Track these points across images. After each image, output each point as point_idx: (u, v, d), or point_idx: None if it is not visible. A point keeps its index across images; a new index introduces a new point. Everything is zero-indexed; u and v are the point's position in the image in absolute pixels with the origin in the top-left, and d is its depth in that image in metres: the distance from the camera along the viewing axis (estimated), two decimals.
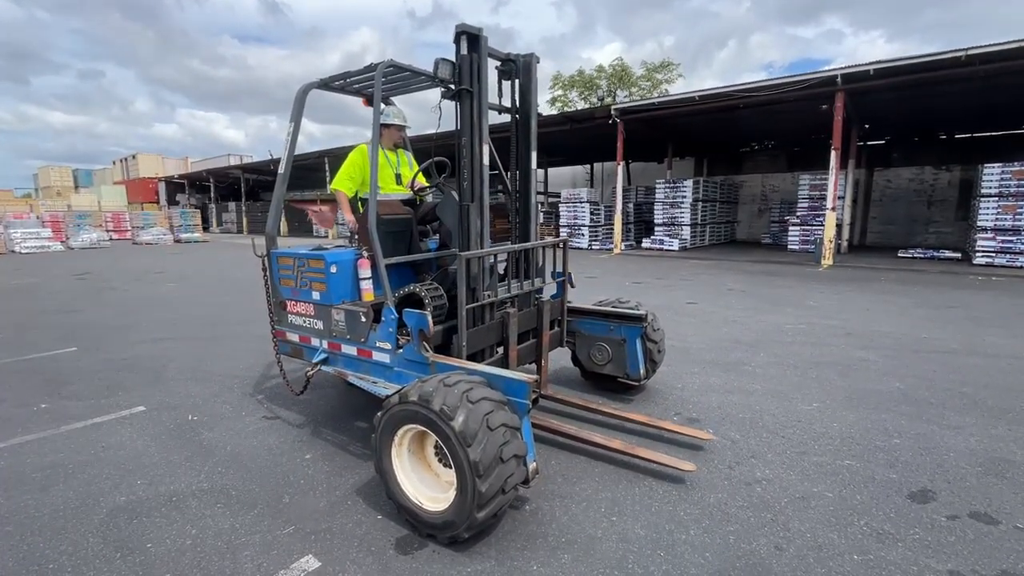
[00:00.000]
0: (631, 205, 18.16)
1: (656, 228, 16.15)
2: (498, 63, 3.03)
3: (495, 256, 2.95)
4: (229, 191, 35.71)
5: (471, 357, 2.69)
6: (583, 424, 3.16)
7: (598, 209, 16.92)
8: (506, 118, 3.22)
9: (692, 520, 2.22)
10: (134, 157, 43.91)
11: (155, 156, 44.66)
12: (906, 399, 3.57)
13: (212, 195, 35.28)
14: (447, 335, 2.90)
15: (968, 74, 9.60)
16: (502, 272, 3.14)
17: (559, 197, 17.43)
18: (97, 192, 38.02)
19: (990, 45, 8.97)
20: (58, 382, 4.14)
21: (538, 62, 3.11)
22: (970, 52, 9.06)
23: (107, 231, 23.73)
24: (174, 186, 37.79)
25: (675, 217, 15.71)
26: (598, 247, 16.46)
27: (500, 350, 3.04)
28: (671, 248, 15.20)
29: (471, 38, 2.71)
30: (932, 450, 2.83)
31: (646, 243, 16.03)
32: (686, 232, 15.49)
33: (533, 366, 3.32)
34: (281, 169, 3.47)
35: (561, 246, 3.45)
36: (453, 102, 2.78)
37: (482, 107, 2.75)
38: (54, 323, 6.32)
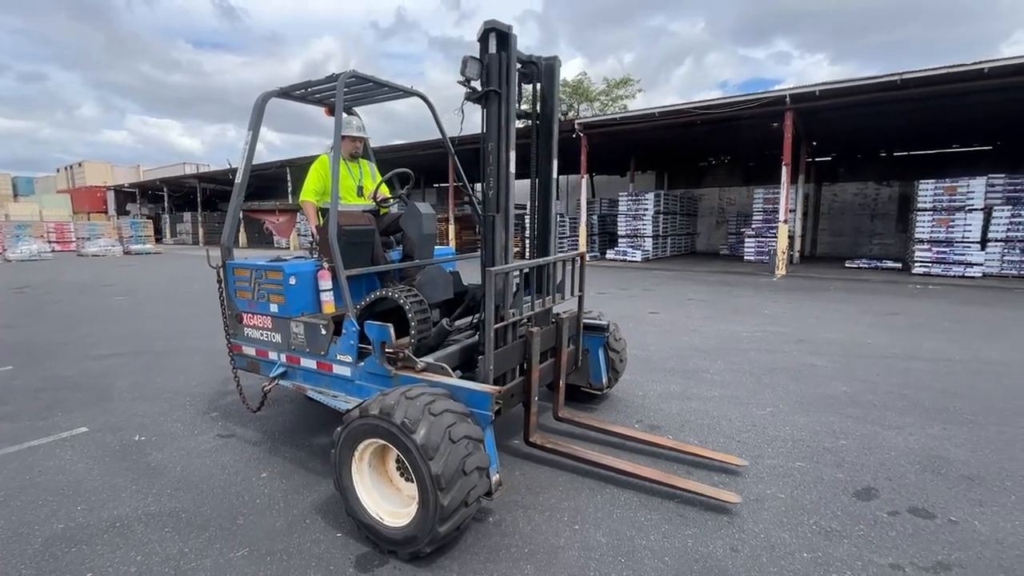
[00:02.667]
0: (595, 217, 18.52)
1: (619, 239, 16.50)
2: (519, 65, 2.85)
3: (521, 271, 2.78)
4: (184, 201, 34.39)
5: (495, 381, 2.49)
6: (605, 448, 2.96)
7: (563, 221, 17.17)
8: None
9: (652, 525, 2.27)
10: (80, 165, 41.76)
11: (104, 164, 42.59)
12: (852, 402, 3.76)
13: (166, 205, 33.89)
14: (466, 355, 2.74)
15: (903, 96, 10.31)
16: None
17: (525, 209, 17.59)
18: (39, 201, 35.88)
19: (922, 70, 9.67)
20: None
21: (560, 65, 2.94)
22: (905, 76, 9.73)
23: (49, 242, 22.40)
24: (124, 195, 36.11)
25: (637, 229, 16.11)
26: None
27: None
28: (634, 259, 15.54)
29: (500, 36, 2.51)
30: (875, 450, 2.99)
31: (610, 254, 16.34)
32: (648, 243, 15.89)
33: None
34: (238, 179, 3.39)
35: (579, 260, 3.23)
36: (477, 104, 2.58)
37: (510, 111, 2.59)
38: None
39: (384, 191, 3.67)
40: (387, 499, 2.22)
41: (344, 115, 3.58)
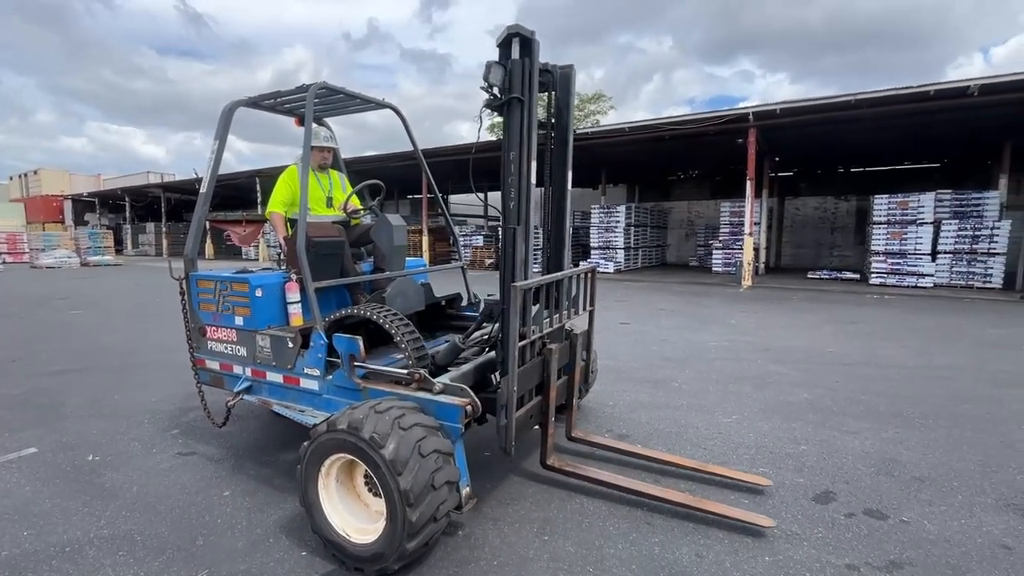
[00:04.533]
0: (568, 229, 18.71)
1: (592, 251, 16.72)
2: None
3: (544, 286, 2.69)
4: (148, 211, 33.26)
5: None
6: (620, 469, 2.86)
7: (537, 233, 17.22)
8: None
9: (620, 534, 2.29)
10: (36, 172, 40.05)
11: (61, 172, 40.96)
12: (812, 408, 3.89)
13: (128, 215, 32.70)
14: (479, 374, 2.64)
15: (858, 116, 10.84)
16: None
17: (499, 221, 17.68)
18: None
19: (875, 91, 10.19)
20: None
21: (575, 74, 2.86)
22: (859, 97, 10.25)
23: (0, 254, 21.33)
24: (83, 205, 34.71)
25: (609, 241, 16.36)
26: (537, 270, 16.74)
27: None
28: (607, 270, 15.76)
29: (524, 41, 2.42)
30: (833, 454, 3.10)
31: (583, 266, 16.50)
32: (620, 255, 16.14)
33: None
34: (203, 188, 3.32)
35: (589, 274, 3.15)
36: (496, 112, 2.50)
37: (532, 119, 2.49)
38: None
39: (355, 202, 3.66)
40: (354, 515, 2.19)
41: (316, 125, 3.56)
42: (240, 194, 24.49)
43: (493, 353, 2.79)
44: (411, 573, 2.04)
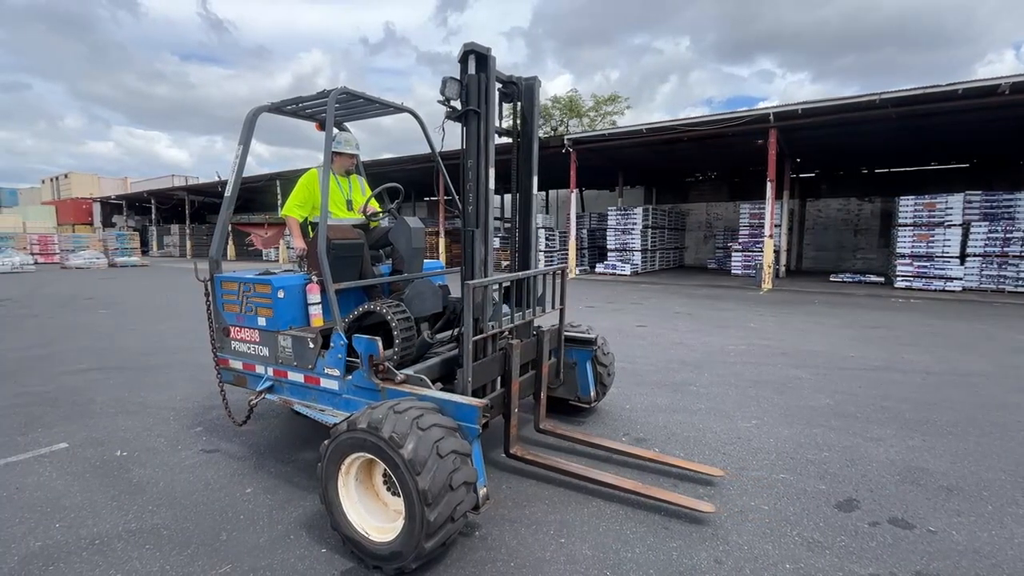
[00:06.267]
0: (584, 231, 18.67)
1: (609, 253, 16.64)
2: (500, 85, 2.91)
3: (501, 284, 2.82)
4: (172, 213, 34.14)
5: (474, 393, 2.53)
6: (586, 460, 2.96)
7: (553, 235, 17.29)
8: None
9: (637, 538, 2.28)
10: (67, 176, 41.45)
11: (90, 175, 42.31)
12: (835, 414, 3.81)
13: (153, 217, 33.59)
14: (447, 368, 2.79)
15: (882, 115, 10.62)
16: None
17: (514, 222, 17.68)
18: (22, 213, 35.43)
19: (900, 90, 9.97)
20: None
21: (540, 85, 3.03)
22: (883, 96, 10.03)
23: (32, 255, 22.05)
24: (111, 207, 35.79)
25: (626, 243, 16.25)
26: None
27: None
28: (623, 273, 15.66)
29: (479, 58, 2.62)
30: (857, 461, 3.03)
31: (599, 268, 16.46)
32: (637, 257, 16.03)
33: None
34: (228, 192, 3.40)
35: (559, 274, 3.28)
36: (458, 123, 2.66)
37: (489, 129, 2.66)
38: None
39: (374, 205, 3.70)
40: (373, 514, 2.21)
41: (343, 132, 3.63)
42: (260, 197, 24.95)
43: None
44: (429, 572, 2.06)
